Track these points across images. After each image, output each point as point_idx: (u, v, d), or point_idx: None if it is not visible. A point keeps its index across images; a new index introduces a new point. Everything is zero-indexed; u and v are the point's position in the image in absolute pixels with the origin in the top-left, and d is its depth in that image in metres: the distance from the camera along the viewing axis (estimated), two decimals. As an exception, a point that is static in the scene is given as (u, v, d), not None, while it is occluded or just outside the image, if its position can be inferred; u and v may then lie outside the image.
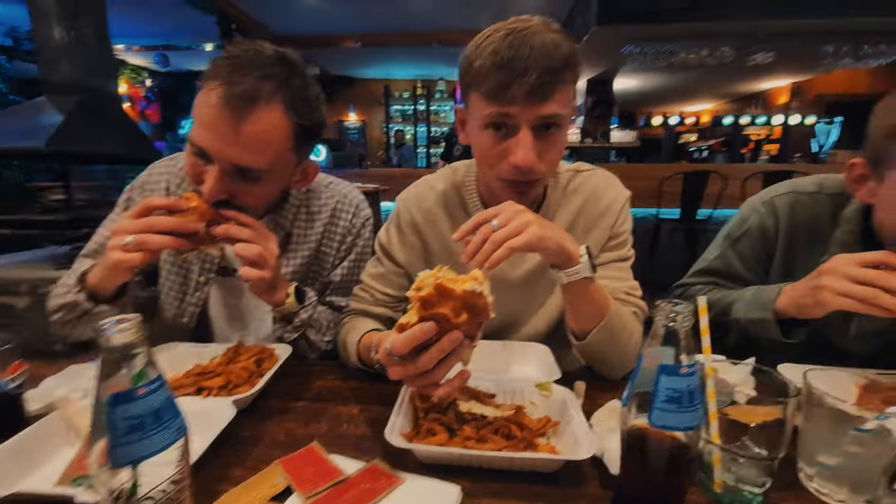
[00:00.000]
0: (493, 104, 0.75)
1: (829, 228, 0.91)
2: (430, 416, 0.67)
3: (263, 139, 0.79)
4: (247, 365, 0.81)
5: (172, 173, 1.05)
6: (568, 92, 0.76)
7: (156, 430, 0.41)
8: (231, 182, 0.82)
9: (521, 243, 0.66)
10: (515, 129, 0.76)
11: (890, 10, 4.40)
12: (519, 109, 0.73)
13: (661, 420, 0.41)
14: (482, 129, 0.79)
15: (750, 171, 4.04)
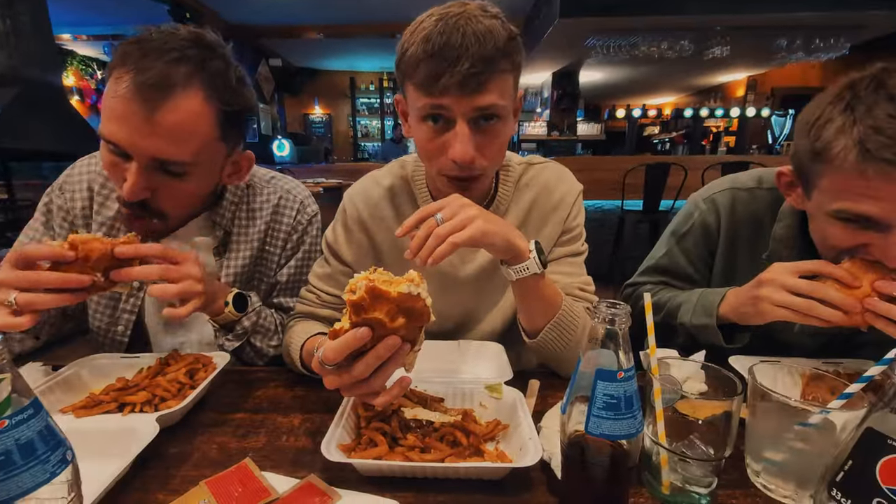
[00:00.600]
0: (426, 96, 0.70)
1: (769, 223, 0.92)
2: (373, 424, 0.63)
3: (183, 129, 0.73)
4: (176, 377, 0.74)
5: (95, 172, 0.96)
6: (506, 82, 0.72)
7: (27, 465, 0.35)
8: (153, 178, 0.75)
9: (465, 238, 0.63)
10: (452, 121, 0.72)
11: (839, 5, 4.61)
12: (452, 101, 0.69)
13: (599, 428, 0.38)
14: (419, 122, 0.75)
15: (709, 162, 4.17)
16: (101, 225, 0.95)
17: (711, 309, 0.85)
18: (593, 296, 0.89)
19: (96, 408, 0.68)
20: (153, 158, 0.73)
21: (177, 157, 0.74)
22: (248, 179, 1.01)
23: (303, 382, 0.83)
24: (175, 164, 0.75)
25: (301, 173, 5.77)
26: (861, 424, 0.31)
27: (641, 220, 4.00)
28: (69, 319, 0.98)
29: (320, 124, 10.01)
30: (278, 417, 0.73)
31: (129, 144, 0.71)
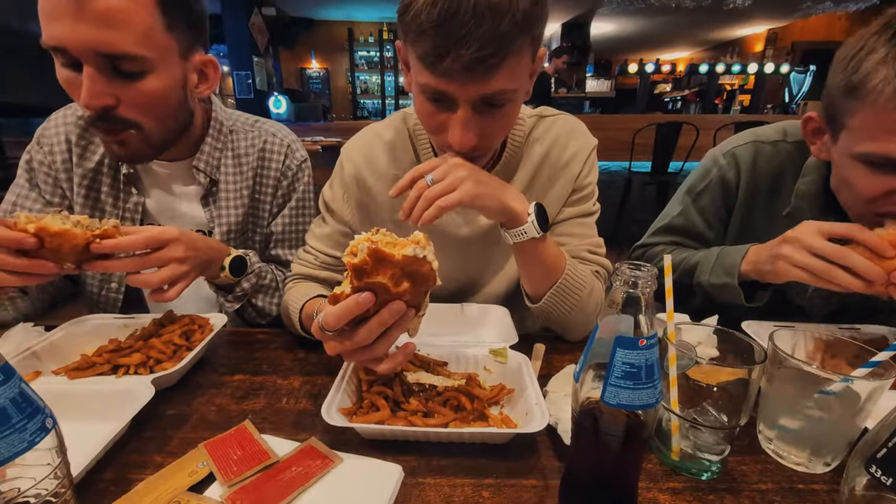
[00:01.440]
0: (427, 71, 0.61)
1: (791, 179, 0.87)
2: (375, 388, 0.61)
3: (118, 12, 0.68)
4: (171, 338, 0.72)
5: (72, 123, 0.91)
6: (521, 60, 0.62)
7: (1, 434, 0.33)
8: (109, 82, 0.71)
9: (453, 201, 0.60)
10: (454, 104, 0.64)
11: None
12: (456, 87, 0.61)
13: (616, 398, 0.36)
14: (420, 93, 0.67)
15: (722, 122, 4.00)
16: (83, 178, 0.90)
17: (733, 268, 0.81)
18: (604, 258, 0.85)
19: (89, 370, 0.67)
20: (97, 53, 0.68)
21: (120, 48, 0.69)
22: (232, 124, 0.96)
23: (303, 345, 0.82)
24: (125, 60, 0.70)
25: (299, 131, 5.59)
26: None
27: (649, 183, 3.91)
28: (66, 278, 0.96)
29: (318, 80, 9.62)
30: (278, 380, 0.72)
31: (69, 37, 0.67)
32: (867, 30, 0.67)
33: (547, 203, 0.85)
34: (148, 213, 0.93)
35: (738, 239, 0.94)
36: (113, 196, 0.91)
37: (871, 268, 0.62)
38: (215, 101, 0.95)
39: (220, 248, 0.84)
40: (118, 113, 0.74)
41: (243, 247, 0.98)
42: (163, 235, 0.69)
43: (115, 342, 0.72)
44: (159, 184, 0.93)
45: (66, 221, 0.61)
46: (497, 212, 0.65)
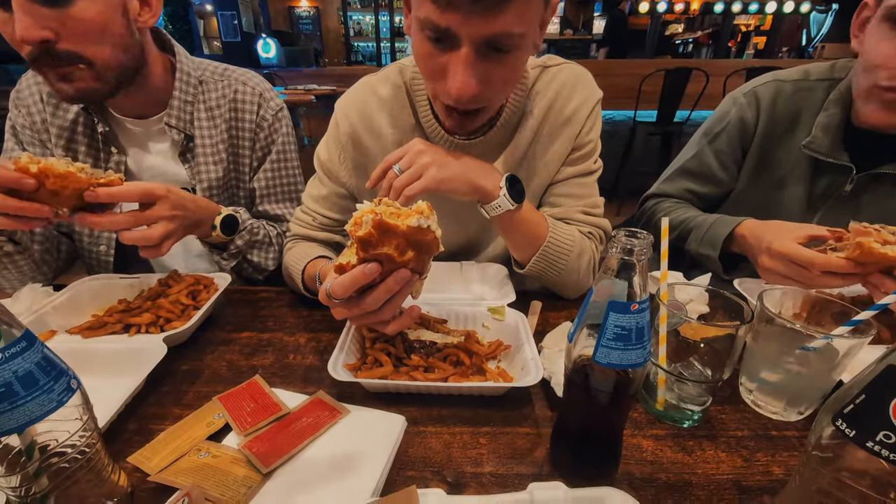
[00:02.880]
0: (429, 4, 0.56)
1: (812, 115, 0.89)
2: (378, 345, 0.64)
3: None
4: (178, 298, 0.74)
5: (41, 82, 0.89)
6: (531, 3, 0.57)
7: (31, 395, 0.35)
8: (40, 12, 0.66)
9: (418, 190, 0.63)
10: (457, 43, 0.58)
11: None
12: (461, 22, 0.55)
13: (607, 358, 0.38)
14: (420, 31, 0.61)
15: (733, 67, 3.82)
16: (59, 136, 0.89)
17: (717, 241, 0.85)
18: (600, 218, 0.86)
19: (102, 329, 0.69)
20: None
21: None
22: (200, 74, 0.92)
23: (306, 303, 0.84)
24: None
25: (290, 78, 5.38)
26: (882, 360, 0.30)
27: (654, 133, 3.80)
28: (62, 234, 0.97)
29: (308, 20, 9.04)
30: (284, 336, 0.75)
31: None
32: None
33: (546, 161, 0.84)
34: (130, 172, 0.92)
35: (752, 179, 0.97)
36: (93, 156, 0.91)
37: (846, 267, 0.64)
38: (180, 51, 0.91)
39: (209, 206, 0.84)
40: (60, 47, 0.70)
41: (229, 203, 0.98)
42: (154, 191, 0.69)
43: (123, 302, 0.75)
44: (136, 142, 0.92)
45: (71, 166, 0.61)
46: (466, 192, 0.67)
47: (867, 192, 0.87)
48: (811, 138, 0.87)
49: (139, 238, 0.68)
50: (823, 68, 0.90)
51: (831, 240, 0.69)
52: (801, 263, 0.68)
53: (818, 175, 0.90)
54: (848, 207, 0.89)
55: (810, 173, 0.90)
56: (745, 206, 0.97)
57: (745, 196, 0.98)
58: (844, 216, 0.88)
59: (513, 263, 0.82)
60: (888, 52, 0.71)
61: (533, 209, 0.76)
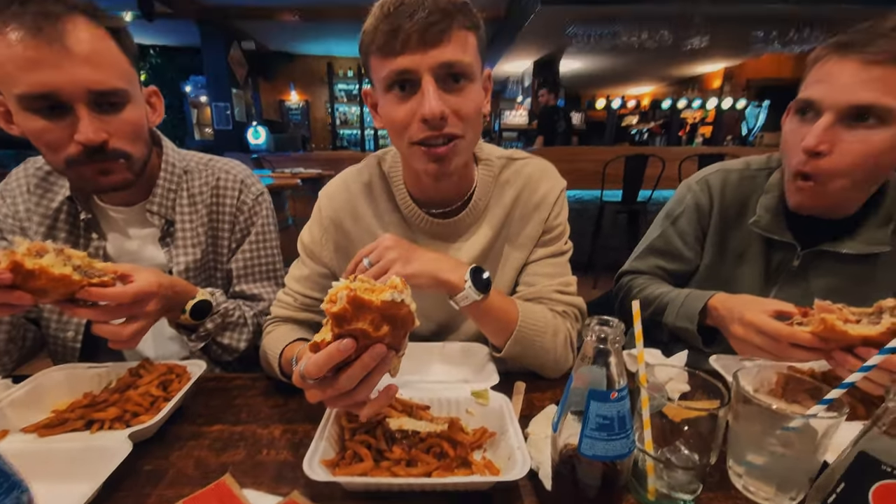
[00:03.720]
0: (388, 59, 0.68)
1: (757, 198, 0.98)
2: (357, 437, 0.61)
3: (98, 50, 0.74)
4: (148, 389, 0.71)
5: (31, 174, 0.93)
6: (467, 38, 0.70)
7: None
8: (101, 118, 0.76)
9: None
10: (417, 83, 0.69)
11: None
12: (416, 59, 0.67)
13: (592, 449, 0.38)
14: (386, 94, 0.72)
15: (686, 154, 4.23)
16: (40, 224, 0.90)
17: (693, 314, 0.88)
18: (574, 297, 0.89)
19: (61, 426, 0.64)
20: (91, 91, 0.73)
21: (111, 85, 0.75)
22: (185, 165, 0.98)
23: (282, 390, 0.81)
24: (112, 94, 0.76)
25: (278, 162, 5.63)
26: (855, 445, 0.31)
27: (620, 211, 4.06)
28: (30, 321, 0.93)
29: (297, 111, 9.72)
30: (258, 429, 0.71)
31: (62, 83, 0.71)
32: None
33: (520, 243, 0.89)
34: (108, 256, 0.93)
35: (716, 256, 1.04)
36: (72, 242, 0.92)
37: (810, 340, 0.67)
38: (167, 144, 0.98)
39: (188, 290, 0.84)
40: (110, 146, 0.78)
41: (206, 284, 0.98)
42: (147, 290, 0.70)
43: (89, 396, 0.70)
44: (117, 228, 0.94)
45: (68, 263, 0.61)
46: (431, 286, 0.71)
47: (813, 268, 0.94)
48: (757, 218, 0.96)
49: (112, 332, 0.68)
50: (761, 160, 1.03)
51: (798, 315, 0.73)
52: (769, 334, 0.71)
53: (771, 252, 0.98)
54: (799, 282, 0.95)
55: (764, 250, 0.98)
56: (711, 281, 1.02)
57: (711, 272, 1.05)
58: (797, 290, 0.95)
59: (491, 348, 0.83)
60: (793, 140, 0.83)
61: (502, 296, 0.79)
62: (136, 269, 0.72)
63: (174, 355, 0.99)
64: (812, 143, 0.77)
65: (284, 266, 1.02)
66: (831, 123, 0.76)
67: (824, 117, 0.76)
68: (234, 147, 7.05)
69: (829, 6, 4.76)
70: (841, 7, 4.73)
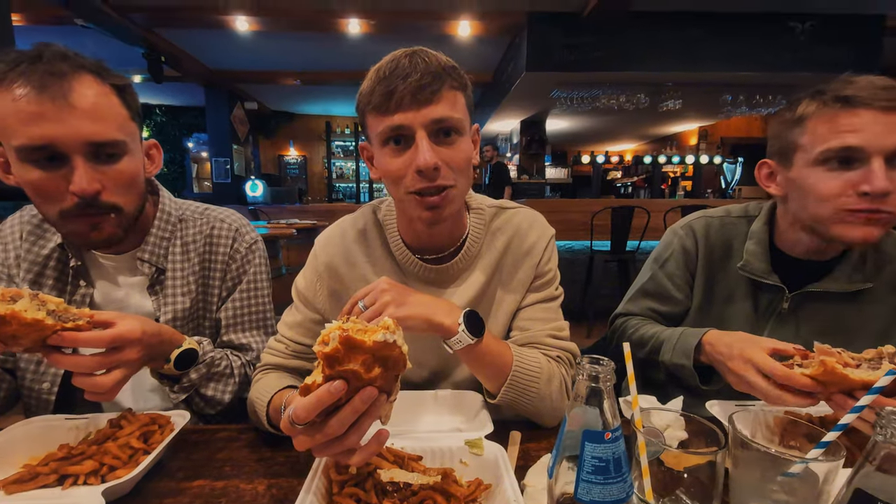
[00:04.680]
0: (384, 117, 0.73)
1: (739, 245, 1.03)
2: (346, 490, 0.59)
3: (98, 104, 0.77)
4: (128, 441, 0.68)
5: (26, 221, 0.94)
6: (457, 98, 0.75)
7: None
8: (96, 169, 0.77)
9: None
10: (412, 138, 0.73)
11: (773, 67, 5.17)
12: (410, 116, 0.72)
13: (589, 495, 0.37)
14: (382, 149, 0.76)
15: (670, 205, 4.41)
16: (28, 271, 0.90)
17: (689, 350, 0.89)
18: (567, 341, 0.89)
19: (32, 482, 0.61)
20: (88, 143, 0.75)
21: (108, 136, 0.77)
22: (181, 214, 0.99)
23: (269, 443, 0.78)
24: (109, 146, 0.78)
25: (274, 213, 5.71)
26: (850, 483, 0.31)
27: (610, 260, 4.12)
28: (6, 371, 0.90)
29: (295, 165, 10.03)
30: (241, 484, 0.67)
31: (62, 136, 0.73)
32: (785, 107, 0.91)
33: (512, 287, 0.90)
34: (95, 304, 0.92)
35: (704, 298, 1.06)
36: (59, 289, 0.91)
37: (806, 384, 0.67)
38: (164, 193, 0.99)
39: (173, 339, 0.82)
40: (102, 198, 0.78)
41: (194, 333, 0.96)
42: (127, 335, 0.68)
43: (65, 448, 0.67)
44: (106, 276, 0.93)
45: (42, 308, 0.60)
46: (424, 328, 0.71)
47: (803, 309, 0.97)
48: (744, 262, 0.99)
49: (91, 384, 0.65)
50: (740, 208, 1.09)
51: (798, 356, 0.73)
52: (764, 371, 0.72)
53: (759, 294, 1.00)
54: (790, 323, 0.98)
55: (751, 291, 1.01)
56: (702, 323, 1.04)
57: (701, 314, 1.07)
58: (788, 331, 0.97)
59: (485, 395, 0.82)
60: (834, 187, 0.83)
61: (496, 340, 0.79)
62: (120, 316, 0.71)
63: (154, 408, 0.95)
64: (882, 185, 0.79)
65: (277, 314, 1.01)
66: (883, 165, 0.79)
67: (876, 161, 0.79)
68: (231, 199, 7.18)
69: (788, 74, 5.21)
70: (799, 75, 5.18)
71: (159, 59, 5.73)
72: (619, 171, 10.72)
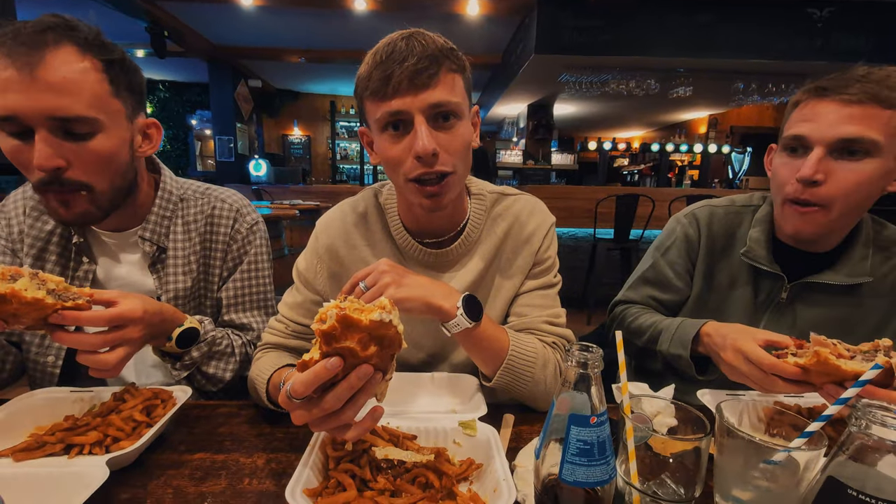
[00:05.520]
0: (381, 102, 0.72)
1: (742, 234, 1.03)
2: (342, 466, 0.61)
3: (69, 80, 0.73)
4: (131, 414, 0.70)
5: (29, 196, 0.94)
6: (455, 80, 0.75)
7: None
8: (61, 145, 0.74)
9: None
10: (410, 123, 0.73)
11: (786, 55, 5.04)
12: (407, 101, 0.71)
13: (573, 475, 0.38)
14: (381, 135, 0.76)
15: (675, 194, 4.38)
16: (32, 246, 0.91)
17: (686, 341, 0.90)
18: (563, 328, 0.90)
19: (39, 450, 0.63)
20: (51, 118, 0.73)
21: (74, 112, 0.74)
22: (182, 193, 0.99)
23: (269, 419, 0.80)
24: (77, 122, 0.75)
25: (277, 193, 5.70)
26: (824, 471, 0.32)
27: (612, 248, 4.12)
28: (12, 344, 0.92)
29: (299, 146, 9.97)
30: (240, 458, 0.70)
31: (24, 106, 0.71)
32: None
33: (511, 274, 0.91)
34: (97, 281, 0.93)
35: (704, 286, 1.07)
36: (62, 265, 0.92)
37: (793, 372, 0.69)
38: (165, 171, 0.99)
39: (175, 317, 0.83)
40: (68, 175, 0.77)
41: (195, 313, 0.97)
42: (129, 314, 0.69)
43: (70, 419, 0.69)
44: (108, 253, 0.94)
45: (42, 287, 0.61)
46: (422, 311, 0.72)
47: (800, 300, 0.98)
48: (747, 249, 1.00)
49: (95, 361, 0.67)
50: (744, 197, 1.09)
51: (793, 346, 0.74)
52: (753, 362, 0.73)
53: (758, 283, 1.01)
54: (787, 314, 0.98)
55: (752, 280, 1.01)
56: (701, 311, 1.05)
57: (701, 302, 1.07)
58: (786, 321, 0.98)
59: (481, 378, 0.83)
60: (785, 172, 0.89)
61: (494, 324, 0.80)
62: (122, 294, 0.72)
63: (156, 384, 0.97)
64: (808, 172, 0.83)
65: (279, 294, 1.03)
66: (822, 156, 0.83)
67: (815, 151, 0.83)
68: (234, 179, 7.17)
69: (803, 62, 5.08)
70: (813, 63, 5.05)
71: (162, 33, 5.65)
72: (626, 159, 10.59)
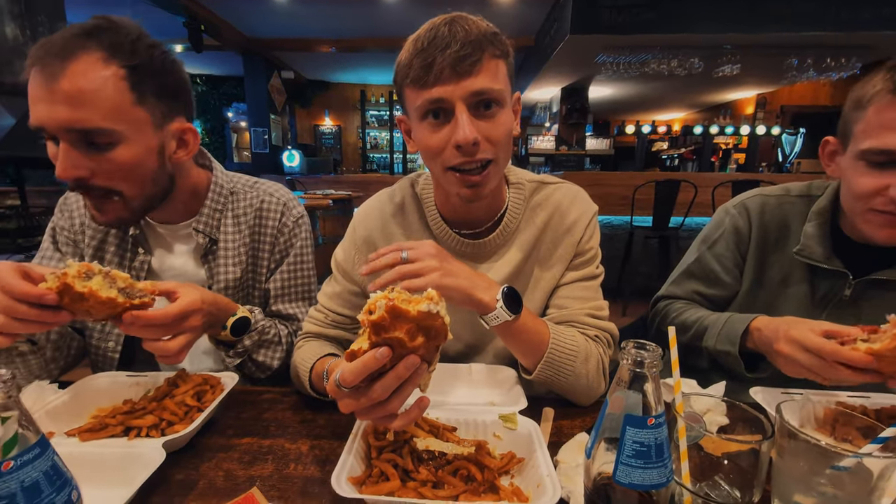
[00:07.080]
0: (422, 90, 0.71)
1: (797, 227, 0.95)
2: (384, 456, 0.61)
3: (85, 91, 0.72)
4: (184, 399, 0.73)
5: None
6: (497, 66, 0.73)
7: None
8: (81, 156, 0.76)
9: (418, 286, 0.65)
10: (451, 112, 0.72)
11: (850, 25, 4.61)
12: (448, 89, 0.70)
13: (628, 478, 0.37)
14: (420, 123, 0.75)
15: (719, 179, 4.13)
16: (93, 238, 0.96)
17: (735, 337, 0.85)
18: (605, 321, 0.87)
19: (102, 431, 0.67)
20: (70, 129, 0.73)
21: (91, 124, 0.73)
22: (232, 186, 1.02)
23: (311, 406, 0.82)
24: (95, 133, 0.74)
25: (310, 184, 5.82)
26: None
27: (650, 237, 3.97)
28: (75, 331, 0.99)
29: (330, 136, 10.12)
30: (286, 443, 0.72)
31: (45, 120, 0.72)
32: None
33: (551, 265, 0.89)
34: (152, 270, 0.98)
35: (755, 281, 1.01)
36: (119, 255, 0.97)
37: (860, 359, 0.64)
38: (217, 167, 1.02)
39: (229, 307, 0.87)
40: (93, 182, 0.78)
41: (244, 303, 1.01)
42: (190, 307, 0.73)
43: (129, 403, 0.73)
44: (162, 244, 0.99)
45: (113, 286, 0.64)
46: (462, 302, 0.70)
47: (866, 298, 0.90)
48: (801, 246, 0.92)
49: (160, 349, 0.70)
50: (801, 186, 1.00)
51: (863, 334, 0.68)
52: (812, 350, 0.68)
53: (817, 279, 0.94)
54: (849, 311, 0.91)
55: (808, 277, 0.94)
56: (751, 308, 0.99)
57: (752, 298, 1.01)
58: (847, 321, 0.90)
59: (521, 371, 0.82)
60: (870, 186, 0.79)
61: (534, 317, 0.78)
62: (179, 285, 0.75)
63: (206, 370, 1.02)
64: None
65: (319, 284, 1.05)
66: None
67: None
68: (269, 169, 7.38)
69: (865, 33, 4.64)
70: (878, 34, 4.61)
71: (199, 28, 5.82)
72: (666, 143, 10.12)
